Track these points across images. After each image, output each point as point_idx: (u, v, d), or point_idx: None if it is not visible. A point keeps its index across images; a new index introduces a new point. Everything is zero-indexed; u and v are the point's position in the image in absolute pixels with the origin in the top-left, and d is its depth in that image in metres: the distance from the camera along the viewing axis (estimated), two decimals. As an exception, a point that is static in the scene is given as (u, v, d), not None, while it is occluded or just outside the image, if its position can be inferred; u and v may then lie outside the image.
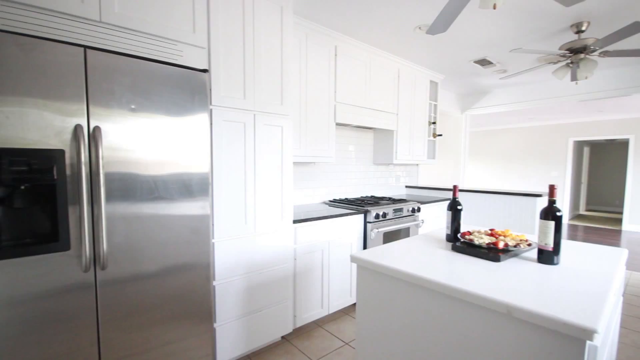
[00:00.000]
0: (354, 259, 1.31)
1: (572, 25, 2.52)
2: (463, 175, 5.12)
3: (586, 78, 2.60)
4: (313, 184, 3.07)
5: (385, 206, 2.78)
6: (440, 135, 4.13)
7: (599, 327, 0.74)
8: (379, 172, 3.79)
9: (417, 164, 4.33)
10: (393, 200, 3.07)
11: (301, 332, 2.36)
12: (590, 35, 2.69)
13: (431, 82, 3.88)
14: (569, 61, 2.61)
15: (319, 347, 2.18)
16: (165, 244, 1.49)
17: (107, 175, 1.31)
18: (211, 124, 1.71)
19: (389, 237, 2.79)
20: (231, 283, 1.87)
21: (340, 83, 2.77)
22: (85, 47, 1.26)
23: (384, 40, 2.88)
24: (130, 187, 1.37)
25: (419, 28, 2.61)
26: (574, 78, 2.74)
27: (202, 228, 1.59)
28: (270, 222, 2.03)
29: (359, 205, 2.78)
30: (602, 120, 6.90)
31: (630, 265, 4.07)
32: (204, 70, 1.56)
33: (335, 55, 2.71)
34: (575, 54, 2.52)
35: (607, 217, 8.07)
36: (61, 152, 1.20)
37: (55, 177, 1.19)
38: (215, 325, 1.81)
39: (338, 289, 2.52)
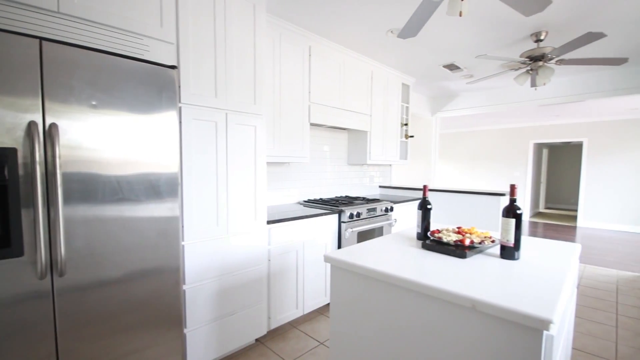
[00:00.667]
0: (327, 258, 1.32)
1: (531, 34, 2.69)
2: (433, 176, 5.30)
3: (544, 84, 2.78)
4: (287, 184, 3.06)
5: (359, 206, 2.82)
6: (412, 136, 4.25)
7: (555, 317, 0.79)
8: (353, 172, 3.83)
9: (391, 165, 4.43)
10: (367, 200, 3.12)
11: (276, 334, 2.34)
12: (548, 44, 2.87)
13: (403, 84, 3.99)
14: (529, 68, 2.77)
15: (294, 348, 2.17)
16: (131, 248, 1.42)
17: (65, 175, 1.23)
18: (180, 122, 1.66)
19: (363, 236, 2.83)
20: (203, 286, 1.81)
21: (315, 83, 2.78)
22: (41, 38, 1.17)
23: (357, 42, 2.92)
24: (92, 188, 1.29)
25: (391, 32, 2.67)
26: (533, 84, 2.92)
27: (170, 230, 1.54)
28: (243, 223, 1.99)
29: (334, 205, 2.80)
30: (559, 124, 7.40)
31: (585, 259, 4.40)
32: (173, 67, 1.51)
33: (310, 55, 2.72)
34: (535, 61, 2.69)
35: (564, 214, 8.67)
36: (13, 151, 1.11)
37: (7, 177, 1.10)
38: (185, 330, 1.75)
39: (313, 289, 2.52)
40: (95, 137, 1.29)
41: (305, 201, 3.10)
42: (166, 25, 1.56)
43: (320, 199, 3.20)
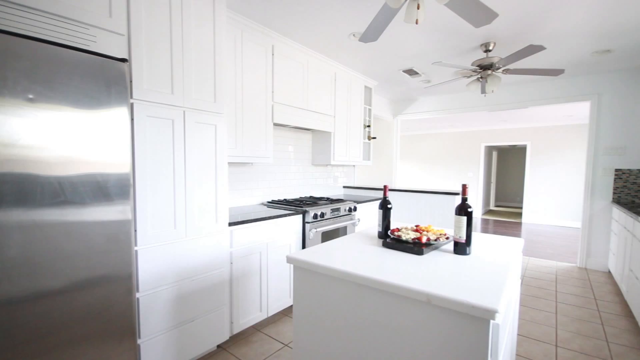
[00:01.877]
0: (289, 259, 1.31)
1: (481, 45, 2.89)
2: (395, 176, 5.49)
3: (492, 92, 2.99)
4: (251, 185, 3.00)
5: (323, 206, 2.84)
6: (375, 138, 4.37)
7: (500, 307, 0.85)
8: (317, 172, 3.85)
9: (354, 165, 4.52)
10: (331, 200, 3.15)
11: (239, 339, 2.28)
12: (496, 55, 3.11)
13: (366, 87, 4.09)
14: (479, 76, 2.97)
15: (258, 351, 2.13)
16: (75, 256, 1.30)
17: (-5, 176, 1.10)
18: (132, 119, 1.55)
19: (328, 236, 2.86)
20: (159, 293, 1.72)
21: (278, 83, 2.75)
22: (-36, 21, 1.04)
23: (321, 44, 2.94)
24: (28, 190, 1.17)
25: (353, 35, 2.73)
26: (483, 91, 3.13)
27: (121, 235, 1.44)
28: (203, 226, 1.92)
29: (298, 205, 2.80)
30: (506, 129, 8.03)
31: (528, 252, 4.80)
32: (123, 60, 1.41)
33: (273, 54, 2.69)
34: (484, 70, 2.89)
35: (511, 211, 9.40)
36: None
37: None
38: (139, 341, 1.65)
39: (277, 291, 2.49)
40: (33, 134, 1.17)
41: (269, 202, 3.06)
42: (116, 15, 1.46)
43: (285, 199, 3.18)
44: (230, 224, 2.09)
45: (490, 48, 2.87)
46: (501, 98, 4.50)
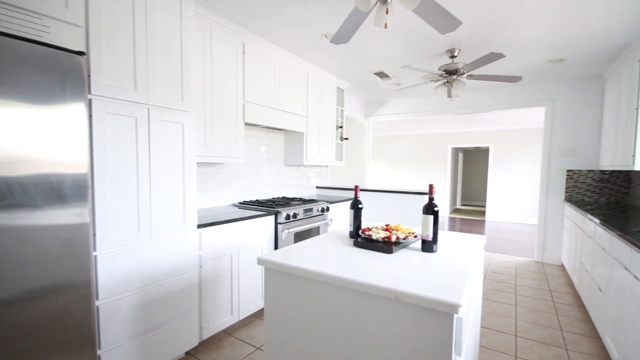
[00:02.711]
0: (260, 261, 1.29)
1: (447, 51, 3.01)
2: (367, 176, 5.59)
3: (457, 96, 3.13)
4: (221, 186, 2.93)
5: (296, 207, 2.83)
6: (347, 138, 4.42)
7: (462, 302, 0.89)
8: (290, 173, 3.84)
9: (327, 166, 4.54)
10: (304, 201, 3.15)
11: (209, 344, 2.21)
12: (461, 61, 3.25)
13: (338, 88, 4.13)
14: (445, 80, 3.10)
15: (228, 356, 2.08)
16: (26, 263, 1.21)
17: None
18: (91, 116, 1.46)
19: (300, 236, 2.85)
20: (121, 300, 1.63)
21: (249, 82, 2.71)
22: None
23: (293, 44, 2.93)
24: (-31, 193, 1.07)
25: (325, 36, 2.74)
26: (449, 95, 3.27)
27: (78, 240, 1.35)
28: (170, 228, 1.84)
29: (270, 206, 2.77)
30: (471, 131, 8.43)
31: (491, 249, 5.07)
32: (80, 53, 1.33)
33: (244, 53, 2.64)
34: (450, 74, 3.02)
35: (476, 210, 9.88)
36: None
37: None
38: (99, 352, 1.56)
39: (249, 293, 2.45)
40: (-27, 131, 1.07)
41: (240, 203, 3.00)
42: (72, 5, 1.37)
43: (257, 200, 3.14)
44: (200, 226, 2.02)
45: (456, 54, 3.00)
46: (466, 102, 4.72)
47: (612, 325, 2.01)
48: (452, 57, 3.04)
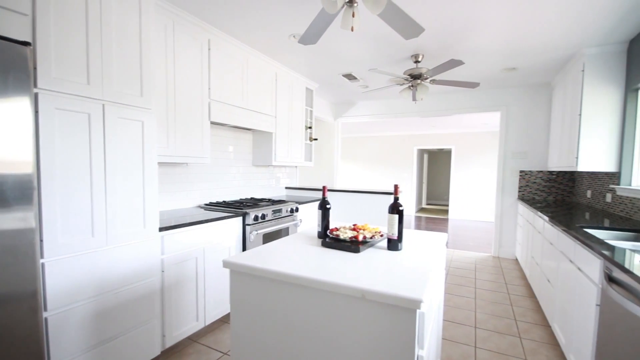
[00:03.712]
0: (226, 264, 1.25)
1: (412, 56, 3.12)
2: (337, 177, 5.65)
3: (422, 99, 3.25)
4: (186, 187, 2.82)
5: (264, 208, 2.79)
6: (316, 139, 4.44)
7: (424, 297, 0.92)
8: (259, 173, 3.78)
9: (296, 166, 4.53)
10: (272, 202, 3.11)
11: (172, 352, 2.12)
12: (424, 66, 3.39)
13: (307, 89, 4.13)
14: (410, 84, 3.21)
15: (193, 364, 2.00)
16: (-43, 273, 1.08)
17: None
18: (37, 111, 1.35)
19: (270, 237, 2.81)
20: (73, 311, 1.51)
21: (215, 80, 2.63)
22: None
23: (261, 42, 2.89)
24: None
25: (293, 36, 2.74)
26: (414, 98, 3.40)
27: (22, 246, 1.23)
28: (129, 232, 1.74)
29: (238, 207, 2.71)
30: (435, 134, 8.81)
31: (454, 245, 5.32)
32: (25, 43, 1.22)
33: (209, 49, 2.56)
34: (414, 79, 3.13)
35: (440, 209, 10.34)
36: None
37: None
38: (47, 367, 1.43)
39: (216, 298, 2.38)
40: None
41: (206, 204, 2.91)
42: (15, -10, 1.25)
43: (224, 201, 3.05)
44: (162, 229, 1.93)
45: (420, 59, 3.12)
46: (430, 105, 4.93)
47: (559, 314, 2.19)
48: (417, 62, 3.15)
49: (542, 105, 4.26)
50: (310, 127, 4.19)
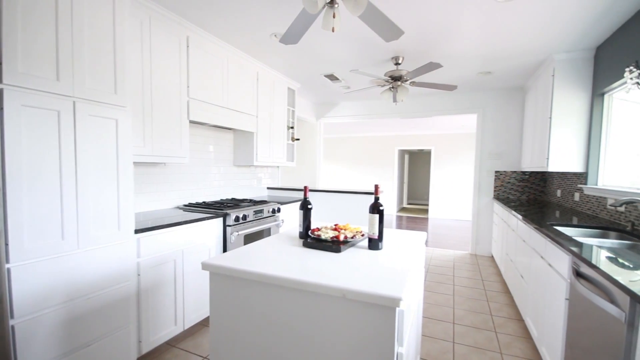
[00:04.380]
0: (205, 266, 1.23)
1: (392, 58, 3.17)
2: (319, 177, 5.66)
3: (402, 101, 3.31)
4: (164, 187, 2.74)
5: (245, 208, 2.76)
6: (298, 139, 4.43)
7: (403, 295, 0.94)
8: (240, 173, 3.73)
9: (278, 166, 4.50)
10: (254, 202, 3.08)
11: (149, 358, 2.06)
12: (405, 68, 3.45)
13: (289, 88, 4.12)
14: (390, 86, 3.26)
15: (171, 369, 1.95)
16: None
17: None
18: (2, 108, 1.27)
19: (251, 238, 2.78)
20: (42, 317, 1.44)
21: (195, 78, 2.58)
22: None
23: (242, 41, 2.85)
24: None
25: (275, 36, 2.72)
26: (394, 99, 3.45)
27: (-16, 251, 1.16)
28: (102, 235, 1.68)
29: (218, 208, 2.66)
30: (415, 135, 8.99)
31: (434, 244, 5.44)
32: (-13, 36, 1.15)
33: (188, 46, 2.50)
34: (395, 80, 3.18)
35: (421, 208, 10.55)
36: None
37: None
38: (13, 379, 1.36)
39: (195, 301, 2.33)
40: None
41: (185, 205, 2.84)
42: (-24, -22, 1.18)
43: (204, 202, 2.99)
44: (137, 231, 1.87)
45: (400, 61, 3.18)
46: (410, 107, 5.02)
47: (532, 308, 2.28)
48: (397, 64, 3.21)
49: (515, 108, 4.43)
50: (292, 127, 4.17)
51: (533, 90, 3.81)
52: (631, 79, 1.72)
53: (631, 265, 1.27)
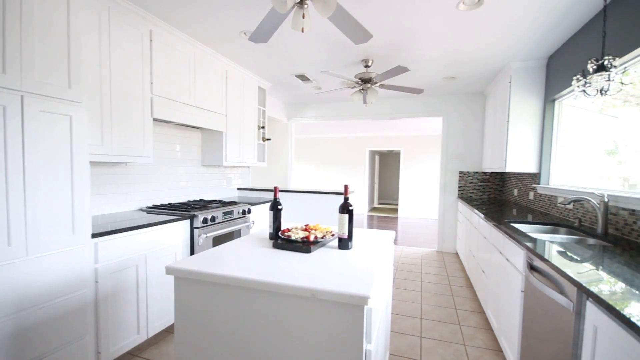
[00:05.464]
0: (169, 270, 1.18)
1: (362, 60, 3.23)
2: (291, 177, 5.63)
3: (372, 103, 3.38)
4: (126, 189, 2.59)
5: (214, 210, 2.68)
6: (269, 139, 4.38)
7: (371, 293, 0.95)
8: (209, 174, 3.62)
9: (249, 167, 4.42)
10: (223, 203, 3.00)
11: (108, 370, 1.93)
12: (374, 70, 3.52)
13: (260, 88, 4.06)
14: (361, 87, 3.32)
15: (133, 380, 1.85)
16: None
17: None
18: None
19: (220, 240, 2.71)
20: (-18, 333, 1.31)
21: (159, 74, 2.46)
22: None
23: (210, 37, 2.77)
24: None
25: (244, 33, 2.67)
26: (364, 101, 3.51)
27: None
28: (54, 240, 1.55)
29: (185, 210, 2.56)
30: (385, 136, 9.21)
31: (403, 242, 5.60)
32: None
33: (151, 41, 2.39)
34: (365, 82, 3.24)
35: (391, 208, 10.82)
36: None
37: None
38: (-53, 402, 1.22)
39: (160, 307, 2.22)
40: None
41: (149, 207, 2.71)
42: None
43: (169, 204, 2.87)
44: (95, 235, 1.75)
45: (370, 64, 3.24)
46: (380, 109, 5.14)
47: (492, 301, 2.41)
48: (367, 66, 3.27)
49: (477, 112, 4.67)
50: (263, 127, 4.12)
51: (492, 96, 4.04)
52: (578, 87, 1.88)
53: (578, 259, 1.39)
